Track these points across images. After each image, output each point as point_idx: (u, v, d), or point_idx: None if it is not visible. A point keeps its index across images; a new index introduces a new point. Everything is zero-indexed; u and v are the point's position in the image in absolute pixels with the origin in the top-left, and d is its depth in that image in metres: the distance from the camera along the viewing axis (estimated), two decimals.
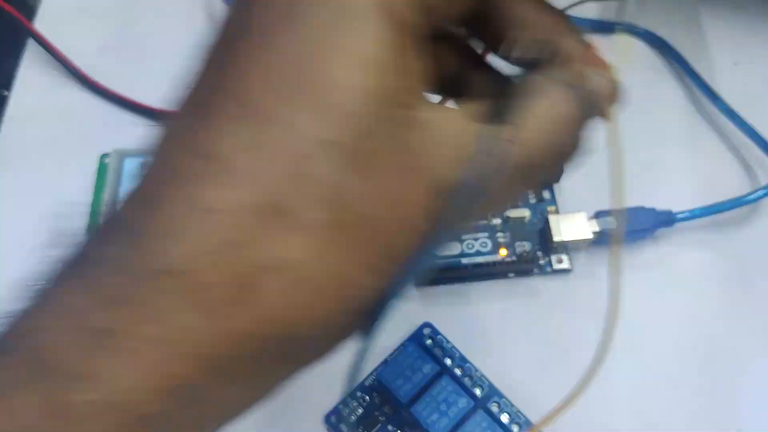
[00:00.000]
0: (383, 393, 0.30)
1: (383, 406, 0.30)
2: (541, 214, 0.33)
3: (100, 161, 0.37)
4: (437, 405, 0.29)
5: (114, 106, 0.40)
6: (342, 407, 0.30)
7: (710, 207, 0.33)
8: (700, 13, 0.43)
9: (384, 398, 0.30)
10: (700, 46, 0.42)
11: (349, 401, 0.30)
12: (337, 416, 0.30)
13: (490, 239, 0.32)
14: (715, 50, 0.42)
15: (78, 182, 0.37)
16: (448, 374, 0.30)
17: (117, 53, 0.42)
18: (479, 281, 0.33)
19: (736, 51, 0.42)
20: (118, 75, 0.40)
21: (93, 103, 0.40)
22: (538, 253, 0.32)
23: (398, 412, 0.29)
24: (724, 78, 0.40)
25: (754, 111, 0.38)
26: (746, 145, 0.37)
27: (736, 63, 0.41)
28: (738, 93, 0.39)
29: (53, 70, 0.41)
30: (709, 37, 0.42)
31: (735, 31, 0.43)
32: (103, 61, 0.41)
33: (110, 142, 0.36)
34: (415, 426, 0.29)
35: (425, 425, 0.28)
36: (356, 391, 0.30)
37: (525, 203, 0.32)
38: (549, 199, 0.33)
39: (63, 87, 0.41)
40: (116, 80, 0.40)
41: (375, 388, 0.30)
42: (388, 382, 0.29)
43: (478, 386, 0.30)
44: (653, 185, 0.36)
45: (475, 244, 0.32)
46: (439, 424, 0.28)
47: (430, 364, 0.30)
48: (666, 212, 0.33)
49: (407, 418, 0.29)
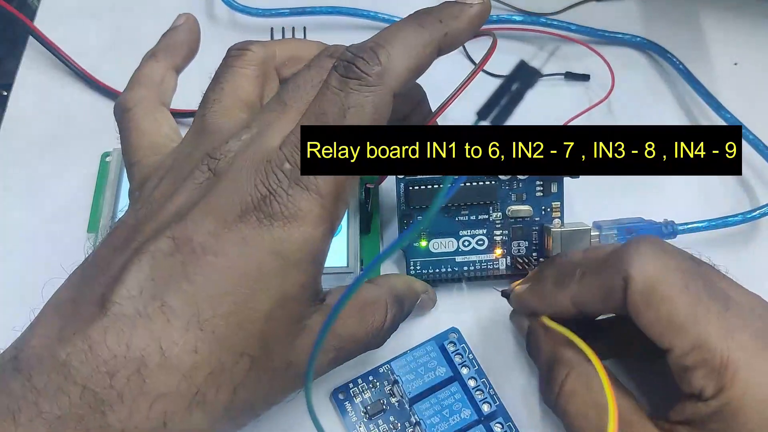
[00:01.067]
0: (394, 383, 0.30)
1: (391, 396, 0.30)
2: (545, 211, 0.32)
3: (102, 160, 0.37)
4: (441, 409, 0.29)
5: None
6: (351, 386, 0.30)
7: (714, 221, 0.33)
8: (700, 14, 0.43)
9: (393, 389, 0.30)
10: (700, 47, 0.42)
11: (359, 382, 0.30)
12: (345, 394, 0.30)
13: (487, 237, 0.32)
14: (715, 51, 0.42)
15: (79, 181, 0.37)
16: (460, 382, 0.30)
17: (117, 53, 0.42)
18: (476, 281, 0.33)
19: (736, 51, 0.42)
20: (118, 74, 0.40)
21: (94, 102, 0.40)
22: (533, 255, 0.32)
23: (402, 406, 0.29)
24: (724, 78, 0.40)
25: (754, 111, 0.38)
26: (749, 155, 0.37)
27: (736, 63, 0.41)
28: (738, 93, 0.40)
29: (54, 69, 0.41)
30: (709, 37, 0.42)
31: (735, 31, 0.43)
32: (104, 60, 0.41)
33: (111, 141, 0.35)
34: (416, 425, 0.29)
35: (425, 425, 0.29)
36: (369, 375, 0.30)
37: (529, 198, 0.32)
38: (556, 193, 0.32)
39: (63, 86, 0.41)
40: (117, 79, 0.40)
41: (386, 376, 0.30)
42: (399, 373, 0.30)
43: (488, 403, 0.30)
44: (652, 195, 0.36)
45: (471, 241, 0.32)
46: (438, 428, 0.29)
47: (445, 368, 0.30)
48: (669, 223, 0.33)
49: (410, 415, 0.29)
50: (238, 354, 0.22)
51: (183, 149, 0.26)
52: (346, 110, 0.22)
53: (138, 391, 0.20)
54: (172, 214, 0.23)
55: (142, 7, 0.44)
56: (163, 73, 0.29)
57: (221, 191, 0.22)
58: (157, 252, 0.22)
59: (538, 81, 0.20)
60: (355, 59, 0.23)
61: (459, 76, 0.26)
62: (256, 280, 0.22)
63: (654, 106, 0.40)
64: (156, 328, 0.21)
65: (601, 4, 0.43)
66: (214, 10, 0.44)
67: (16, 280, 0.34)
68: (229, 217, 0.22)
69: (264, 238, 0.22)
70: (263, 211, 0.22)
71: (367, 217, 0.34)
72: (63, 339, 0.20)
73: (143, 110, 0.27)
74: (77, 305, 0.21)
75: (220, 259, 0.21)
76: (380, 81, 0.22)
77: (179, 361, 0.21)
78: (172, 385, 0.20)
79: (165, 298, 0.21)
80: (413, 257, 0.32)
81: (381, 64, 0.22)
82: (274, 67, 0.28)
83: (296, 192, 0.22)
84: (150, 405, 0.20)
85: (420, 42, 0.23)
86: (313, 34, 0.42)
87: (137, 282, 0.21)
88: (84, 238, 0.34)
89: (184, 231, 0.22)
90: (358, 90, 0.22)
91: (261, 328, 0.22)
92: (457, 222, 0.32)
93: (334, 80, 0.23)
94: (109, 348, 0.20)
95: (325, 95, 0.23)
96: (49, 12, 0.44)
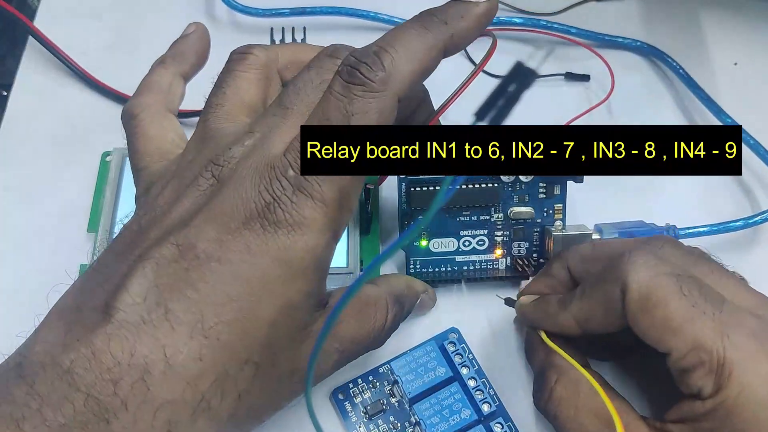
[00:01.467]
0: (394, 383, 0.30)
1: (391, 396, 0.30)
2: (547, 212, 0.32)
3: (102, 159, 0.37)
4: (441, 409, 0.29)
5: (115, 104, 0.40)
6: (351, 386, 0.30)
7: (716, 225, 0.33)
8: (700, 14, 0.43)
9: (393, 389, 0.30)
10: (700, 47, 0.42)
11: (359, 382, 0.30)
12: (345, 394, 0.30)
13: (487, 237, 0.32)
14: (715, 51, 0.42)
15: (79, 181, 0.37)
16: (460, 382, 0.30)
17: (117, 53, 0.42)
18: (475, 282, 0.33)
19: (736, 52, 0.42)
20: (118, 73, 0.40)
21: (94, 102, 0.40)
22: (533, 256, 0.32)
23: (402, 406, 0.29)
24: (724, 79, 0.40)
25: (754, 111, 0.38)
26: (750, 160, 0.37)
27: (736, 63, 0.41)
28: (738, 94, 0.40)
29: (54, 69, 0.41)
30: (709, 37, 0.42)
31: (735, 32, 0.43)
32: (104, 60, 0.41)
33: (112, 141, 0.36)
34: (416, 425, 0.29)
35: (425, 425, 0.29)
36: (369, 375, 0.30)
37: (532, 200, 0.32)
38: (558, 195, 0.32)
39: (64, 86, 0.41)
40: (117, 78, 0.40)
41: (386, 376, 0.30)
42: (399, 373, 0.30)
43: (488, 403, 0.30)
44: (654, 198, 0.36)
45: (472, 241, 0.32)
46: (437, 428, 0.29)
47: (445, 368, 0.30)
48: (671, 227, 0.33)
49: (410, 415, 0.29)
50: (242, 361, 0.22)
51: (187, 155, 0.26)
52: (350, 117, 0.22)
53: (142, 399, 0.20)
54: (176, 220, 0.23)
55: (142, 7, 0.44)
56: (171, 80, 0.29)
57: (225, 198, 0.22)
58: (161, 259, 0.21)
59: (535, 82, 0.20)
60: (358, 64, 0.22)
61: (459, 76, 0.26)
62: (261, 287, 0.22)
63: (654, 108, 0.40)
64: (160, 336, 0.20)
65: (601, 4, 0.43)
66: (214, 10, 0.44)
67: (15, 280, 0.34)
68: (232, 224, 0.22)
69: (268, 245, 0.22)
70: (267, 218, 0.22)
71: (367, 218, 0.34)
72: (67, 346, 0.20)
73: (150, 116, 0.27)
74: (81, 312, 0.21)
75: (224, 266, 0.21)
76: (384, 87, 0.22)
77: (184, 368, 0.20)
78: (177, 393, 0.20)
79: (169, 305, 0.21)
80: (413, 256, 0.32)
81: (385, 69, 0.22)
82: (277, 70, 0.28)
83: (300, 199, 0.22)
84: (154, 413, 0.20)
85: (425, 45, 0.23)
86: (313, 33, 0.42)
87: (141, 289, 0.21)
88: (84, 238, 0.34)
89: (188, 238, 0.22)
90: (362, 96, 0.22)
91: (265, 335, 0.22)
92: (458, 222, 0.32)
93: (338, 86, 0.22)
94: (113, 355, 0.20)
95: (329, 101, 0.23)
96: (49, 12, 0.44)
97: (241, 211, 0.22)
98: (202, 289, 0.21)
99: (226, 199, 0.22)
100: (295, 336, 0.23)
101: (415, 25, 0.23)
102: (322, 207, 0.22)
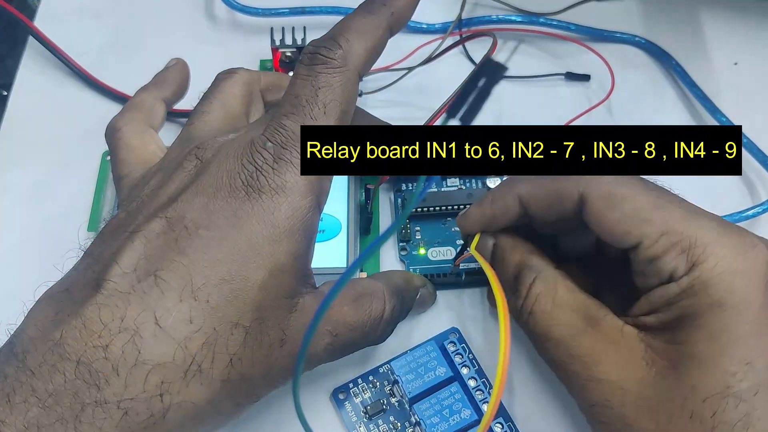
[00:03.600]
0: (394, 383, 0.30)
1: (391, 396, 0.30)
2: None
3: (102, 159, 0.37)
4: (441, 409, 0.29)
5: (116, 103, 0.40)
6: (351, 386, 0.30)
7: None
8: (700, 14, 0.43)
9: (393, 389, 0.30)
10: (700, 47, 0.42)
11: (359, 382, 0.30)
12: (345, 394, 0.30)
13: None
14: (715, 50, 0.42)
15: (80, 181, 0.37)
16: (460, 382, 0.30)
17: (117, 52, 0.42)
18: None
19: (736, 51, 0.42)
20: (118, 73, 0.40)
21: (94, 101, 0.40)
22: None
23: (402, 406, 0.29)
24: (724, 78, 0.40)
25: (754, 111, 0.38)
26: (746, 160, 0.37)
27: (736, 63, 0.41)
28: (738, 94, 0.40)
29: (54, 69, 0.41)
30: (709, 37, 0.42)
31: (735, 31, 0.43)
32: (104, 60, 0.41)
33: None
34: (416, 425, 0.29)
35: (425, 425, 0.28)
36: (369, 375, 0.30)
37: None
38: None
39: (64, 86, 0.41)
40: (117, 78, 0.40)
41: (386, 376, 0.30)
42: (399, 373, 0.30)
43: (488, 403, 0.29)
44: None
45: None
46: (437, 428, 0.28)
47: (445, 368, 0.30)
48: None
49: (410, 415, 0.29)
50: (232, 324, 0.22)
51: (170, 154, 0.27)
52: (318, 89, 0.24)
53: (133, 362, 0.20)
54: (164, 200, 0.24)
55: (142, 7, 0.44)
56: (153, 102, 0.31)
57: (210, 173, 0.24)
58: (150, 232, 0.22)
59: (503, 76, 0.20)
60: (318, 49, 0.24)
61: (459, 76, 0.26)
62: (248, 249, 0.22)
63: (654, 108, 0.40)
64: (150, 300, 0.21)
65: (600, 3, 0.43)
66: (214, 9, 0.44)
67: (15, 280, 0.34)
68: (219, 194, 0.23)
69: (254, 209, 0.23)
70: (251, 185, 0.23)
71: (367, 218, 0.34)
72: (58, 321, 0.21)
73: (132, 129, 0.29)
74: (70, 292, 0.22)
75: (212, 231, 0.22)
76: (345, 62, 0.24)
77: (174, 330, 0.21)
78: (168, 355, 0.21)
79: (159, 273, 0.22)
80: (412, 265, 0.33)
81: (342, 48, 0.24)
82: (259, 89, 0.30)
83: (281, 166, 0.23)
84: (146, 376, 0.20)
85: (372, 26, 0.25)
86: (313, 34, 0.42)
87: (131, 261, 0.22)
88: (84, 237, 0.34)
89: (176, 211, 0.23)
90: (325, 72, 0.24)
91: (254, 298, 0.22)
92: (455, 232, 0.33)
93: (303, 69, 0.24)
94: (103, 322, 0.21)
95: (296, 83, 0.24)
96: (49, 12, 0.44)
97: (226, 182, 0.23)
98: (191, 254, 0.22)
99: (212, 174, 0.24)
100: (282, 303, 0.23)
101: (360, 11, 0.25)
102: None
